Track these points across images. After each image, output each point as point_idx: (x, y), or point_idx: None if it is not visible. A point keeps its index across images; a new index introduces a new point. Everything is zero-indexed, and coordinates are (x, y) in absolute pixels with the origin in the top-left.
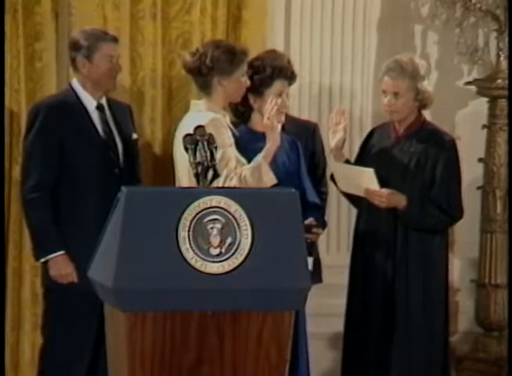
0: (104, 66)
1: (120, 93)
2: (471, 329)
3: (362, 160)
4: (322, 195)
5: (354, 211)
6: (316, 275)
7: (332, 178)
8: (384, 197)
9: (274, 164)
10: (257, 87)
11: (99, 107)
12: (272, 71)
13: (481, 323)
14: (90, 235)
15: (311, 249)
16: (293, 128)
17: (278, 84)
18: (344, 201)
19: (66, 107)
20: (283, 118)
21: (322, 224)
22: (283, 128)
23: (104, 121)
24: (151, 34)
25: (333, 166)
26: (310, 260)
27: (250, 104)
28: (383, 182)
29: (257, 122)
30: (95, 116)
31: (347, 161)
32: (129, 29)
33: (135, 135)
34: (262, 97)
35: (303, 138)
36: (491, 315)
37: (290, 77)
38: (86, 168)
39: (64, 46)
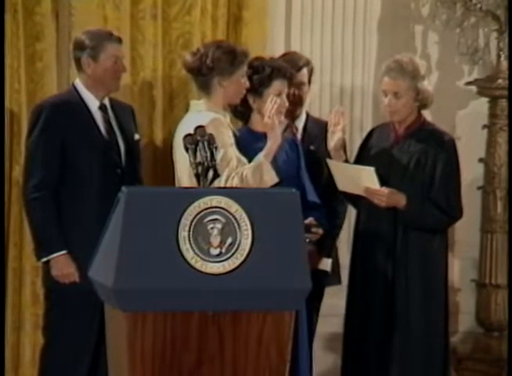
0: (109, 66)
1: (121, 93)
2: (472, 329)
3: (361, 160)
4: (341, 196)
5: (354, 211)
6: (335, 276)
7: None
8: (385, 195)
9: (275, 164)
10: (257, 87)
11: (102, 107)
12: (271, 71)
13: (482, 323)
14: (92, 235)
15: (331, 251)
16: (314, 128)
17: (277, 84)
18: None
19: (69, 107)
20: (282, 118)
21: (325, 224)
22: (305, 128)
23: (107, 122)
24: (151, 34)
25: (332, 165)
26: (329, 262)
27: (249, 104)
28: (382, 182)
29: (257, 122)
30: (97, 116)
31: (347, 161)
32: (129, 29)
33: (137, 136)
34: (261, 97)
35: (324, 138)
36: (491, 315)
37: (289, 77)
38: (88, 168)
39: (65, 46)
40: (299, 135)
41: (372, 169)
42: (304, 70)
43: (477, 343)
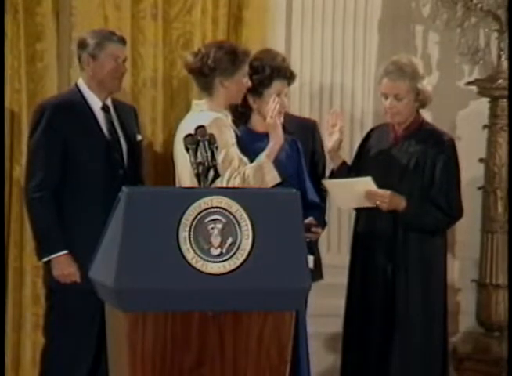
0: (108, 65)
1: (122, 93)
2: (472, 329)
3: (360, 161)
4: (323, 193)
5: (354, 212)
6: (317, 272)
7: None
8: (387, 197)
9: (277, 163)
10: (257, 87)
11: (105, 108)
12: (271, 71)
13: (482, 323)
14: (93, 235)
15: (314, 248)
16: (293, 126)
17: (277, 85)
18: None
19: (72, 107)
20: (282, 118)
21: (322, 223)
22: (284, 127)
23: (109, 122)
24: (152, 34)
25: (328, 184)
26: (311, 258)
27: (249, 105)
28: (382, 183)
29: (257, 123)
30: (100, 116)
31: (344, 163)
32: (130, 29)
33: (139, 137)
34: (262, 97)
35: (303, 136)
36: (492, 315)
37: (289, 76)
38: (90, 168)
39: (65, 46)
40: None
41: (369, 179)
42: None
43: (477, 343)
